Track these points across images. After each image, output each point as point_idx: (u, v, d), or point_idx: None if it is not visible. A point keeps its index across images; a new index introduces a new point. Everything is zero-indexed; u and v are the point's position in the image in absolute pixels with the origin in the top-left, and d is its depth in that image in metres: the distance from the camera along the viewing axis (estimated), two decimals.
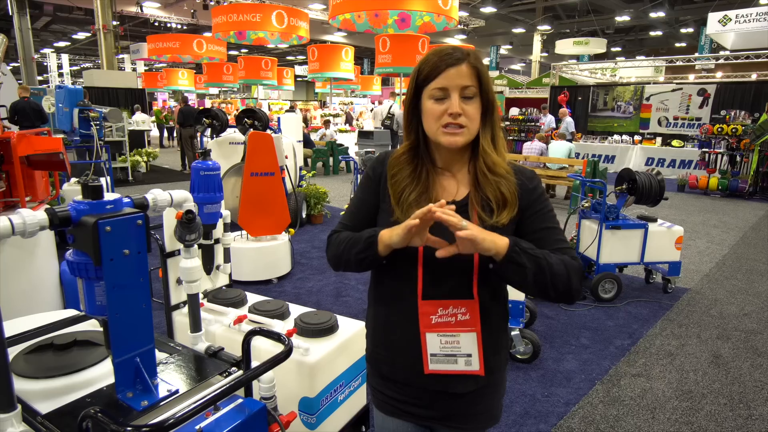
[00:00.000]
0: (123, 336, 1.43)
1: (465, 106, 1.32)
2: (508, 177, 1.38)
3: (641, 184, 4.96)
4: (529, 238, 1.38)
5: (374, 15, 13.06)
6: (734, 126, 11.74)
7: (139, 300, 1.45)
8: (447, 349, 1.37)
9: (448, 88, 1.32)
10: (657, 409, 3.29)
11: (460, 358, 1.37)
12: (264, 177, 5.15)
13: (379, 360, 1.53)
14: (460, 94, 1.32)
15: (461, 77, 1.31)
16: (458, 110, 1.31)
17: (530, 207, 1.40)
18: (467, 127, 1.33)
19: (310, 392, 2.23)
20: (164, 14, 23.85)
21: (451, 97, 1.32)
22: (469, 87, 1.31)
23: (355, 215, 1.56)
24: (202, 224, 1.65)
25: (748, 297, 5.31)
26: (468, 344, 1.36)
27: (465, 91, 1.32)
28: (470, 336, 1.36)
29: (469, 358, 1.36)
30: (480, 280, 1.36)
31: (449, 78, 1.31)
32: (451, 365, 1.37)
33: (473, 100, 1.33)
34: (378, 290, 1.51)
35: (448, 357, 1.37)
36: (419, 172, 1.42)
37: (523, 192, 1.40)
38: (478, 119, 1.35)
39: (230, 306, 2.68)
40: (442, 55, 1.32)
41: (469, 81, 1.31)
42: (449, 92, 1.32)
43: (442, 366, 1.38)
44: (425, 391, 1.44)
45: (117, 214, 1.38)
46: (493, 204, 1.35)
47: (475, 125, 1.35)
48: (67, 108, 6.08)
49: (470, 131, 1.35)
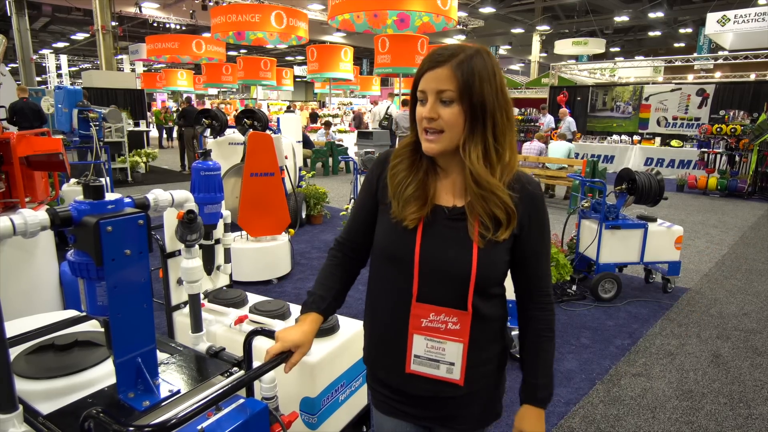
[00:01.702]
0: (124, 336, 1.43)
1: (441, 110, 1.27)
2: (500, 195, 1.30)
3: (641, 183, 4.96)
4: (519, 259, 1.39)
5: (373, 15, 13.04)
6: (733, 126, 11.76)
7: (140, 300, 1.45)
8: (431, 353, 1.37)
9: (426, 91, 1.29)
10: (657, 408, 3.29)
11: (443, 365, 1.37)
12: (264, 177, 5.15)
13: (374, 361, 1.53)
14: (437, 98, 1.28)
15: (437, 81, 1.26)
16: (427, 114, 1.28)
17: (531, 221, 1.37)
18: (445, 133, 1.29)
19: (311, 392, 2.23)
20: (163, 15, 23.81)
21: (428, 100, 1.29)
22: (446, 91, 1.26)
23: (353, 221, 1.57)
24: (203, 224, 1.65)
25: (748, 296, 5.31)
26: (453, 353, 1.36)
27: (441, 95, 1.27)
28: (457, 346, 1.35)
29: (452, 366, 1.36)
30: (477, 294, 1.34)
31: (427, 81, 1.28)
32: (432, 369, 1.38)
33: (451, 105, 1.27)
34: (375, 293, 1.51)
35: (431, 361, 1.37)
36: (419, 165, 1.40)
37: (525, 204, 1.35)
38: (458, 126, 1.28)
39: (231, 306, 2.68)
40: (429, 56, 1.30)
41: (446, 85, 1.26)
42: (427, 95, 1.29)
43: (424, 369, 1.38)
44: (415, 394, 1.44)
45: (118, 214, 1.38)
46: (488, 222, 1.32)
47: (456, 131, 1.29)
48: (67, 108, 6.08)
49: (449, 138, 1.29)
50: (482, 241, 1.32)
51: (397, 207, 1.37)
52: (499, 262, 1.36)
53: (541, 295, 1.44)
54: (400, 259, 1.37)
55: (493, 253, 1.33)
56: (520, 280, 1.45)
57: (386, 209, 1.42)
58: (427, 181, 1.38)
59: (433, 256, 1.34)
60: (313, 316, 1.48)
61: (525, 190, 1.36)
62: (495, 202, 1.30)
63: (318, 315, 1.49)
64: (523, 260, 1.40)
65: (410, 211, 1.35)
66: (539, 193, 1.40)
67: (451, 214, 1.36)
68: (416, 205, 1.35)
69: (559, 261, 4.80)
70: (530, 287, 1.44)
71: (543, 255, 1.43)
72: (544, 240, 1.42)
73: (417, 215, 1.35)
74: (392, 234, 1.39)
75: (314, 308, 1.49)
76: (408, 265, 1.36)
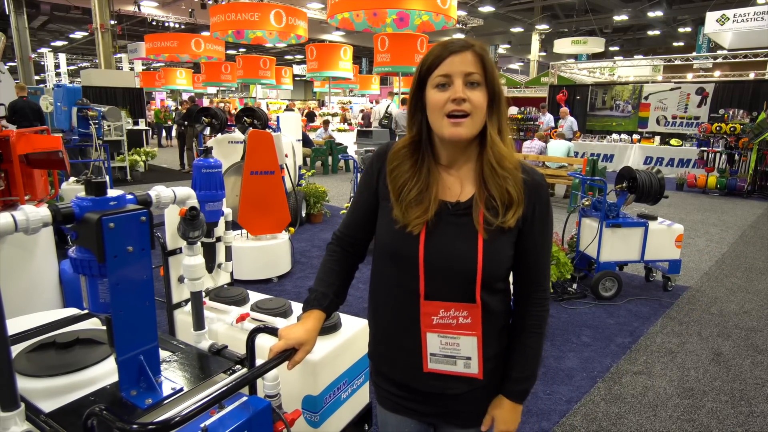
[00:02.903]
0: (127, 334, 1.42)
1: (470, 92, 1.27)
2: (515, 173, 1.32)
3: (641, 182, 4.96)
4: (520, 252, 1.38)
5: (373, 14, 13.01)
6: (733, 125, 11.75)
7: (142, 297, 1.44)
8: (447, 350, 1.36)
9: (452, 74, 1.27)
10: (659, 406, 3.29)
11: (459, 360, 1.36)
12: (264, 176, 5.14)
13: (380, 357, 1.52)
14: (464, 81, 1.27)
15: (465, 64, 1.27)
16: (462, 95, 1.26)
17: (534, 213, 1.36)
18: (471, 116, 1.28)
19: (314, 390, 2.22)
20: (162, 13, 23.79)
21: (454, 84, 1.27)
22: (474, 74, 1.27)
23: (352, 215, 1.55)
24: (205, 222, 1.64)
25: (748, 295, 5.31)
26: (468, 347, 1.35)
27: (469, 78, 1.27)
28: (470, 340, 1.34)
29: (468, 361, 1.35)
30: (484, 286, 1.33)
31: (453, 64, 1.27)
32: (450, 366, 1.37)
33: (478, 88, 1.28)
34: (379, 289, 1.49)
35: (448, 358, 1.36)
36: (420, 166, 1.37)
37: (530, 192, 1.35)
38: (484, 108, 1.29)
39: (232, 304, 2.67)
40: (446, 44, 1.30)
41: (473, 68, 1.27)
42: (452, 79, 1.27)
43: (441, 366, 1.37)
44: (423, 390, 1.43)
45: (120, 210, 1.37)
46: (498, 203, 1.31)
47: (481, 115, 1.29)
48: (66, 107, 6.06)
49: (474, 122, 1.29)
50: (487, 232, 1.31)
51: (399, 212, 1.35)
52: (503, 256, 1.35)
53: (537, 290, 1.43)
54: (405, 258, 1.36)
55: (498, 245, 1.32)
56: (519, 274, 1.43)
57: (387, 207, 1.40)
58: (429, 181, 1.36)
59: (438, 255, 1.33)
60: (315, 313, 1.47)
61: (531, 178, 1.36)
62: (511, 182, 1.32)
63: (321, 312, 1.48)
64: (523, 253, 1.39)
65: (414, 215, 1.33)
66: (544, 182, 1.40)
67: (455, 210, 1.35)
68: (420, 209, 1.33)
69: (560, 259, 4.80)
70: (528, 281, 1.43)
71: (544, 249, 1.41)
72: (546, 233, 1.41)
73: (422, 219, 1.33)
74: (395, 235, 1.37)
75: (316, 305, 1.48)
76: (413, 265, 1.34)
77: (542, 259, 1.42)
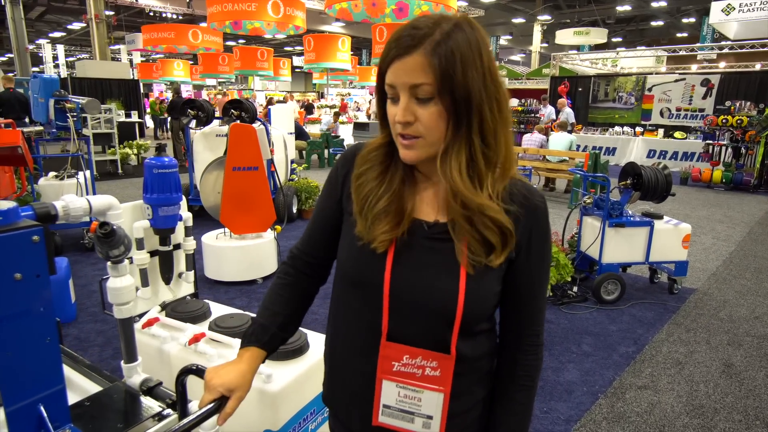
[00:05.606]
0: (17, 379, 1.15)
1: (418, 110, 0.97)
2: (491, 215, 1.00)
3: (647, 179, 4.66)
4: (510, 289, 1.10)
5: (371, 4, 12.75)
6: (739, 117, 11.45)
7: (39, 333, 1.17)
8: (405, 403, 1.08)
9: (396, 86, 0.98)
10: (666, 426, 3.02)
11: (418, 418, 1.08)
12: (247, 172, 4.85)
13: (335, 402, 1.25)
14: (411, 95, 0.97)
15: (408, 73, 0.95)
16: (401, 118, 0.97)
17: (530, 242, 1.07)
18: (424, 138, 0.99)
19: (274, 425, 1.94)
20: (159, 4, 23.45)
21: (400, 99, 0.98)
22: (422, 85, 0.94)
23: (311, 230, 1.27)
24: (126, 236, 1.35)
25: (758, 298, 5.03)
26: (431, 405, 1.07)
27: (416, 91, 0.96)
28: (436, 396, 1.06)
29: (429, 420, 1.07)
30: (462, 334, 1.05)
31: (396, 74, 0.97)
32: (406, 423, 1.09)
33: (430, 103, 0.96)
34: (336, 321, 1.22)
35: (404, 413, 1.08)
36: (391, 174, 1.09)
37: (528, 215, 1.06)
38: (440, 128, 0.98)
39: (189, 321, 2.37)
40: (395, 38, 0.97)
41: (420, 78, 0.94)
42: (398, 92, 0.99)
43: (395, 422, 1.09)
44: None
45: (5, 228, 1.10)
46: (476, 246, 1.02)
47: (436, 135, 0.99)
48: (43, 98, 5.78)
49: (429, 143, 1.00)
50: (472, 266, 1.02)
51: (364, 226, 1.07)
52: (490, 293, 1.06)
53: (530, 335, 1.15)
54: (366, 286, 1.08)
55: (485, 281, 1.04)
56: (508, 314, 1.14)
57: (351, 221, 1.12)
58: (402, 191, 1.08)
59: (407, 285, 1.04)
60: (252, 351, 1.19)
61: (527, 202, 1.06)
62: (485, 223, 1.00)
63: (259, 350, 1.20)
64: (515, 291, 1.10)
65: (381, 230, 1.04)
66: (543, 206, 1.09)
67: (431, 232, 1.06)
68: (389, 222, 1.05)
69: (560, 260, 4.51)
70: (518, 325, 1.14)
71: (540, 287, 1.13)
72: (543, 268, 1.12)
73: (389, 236, 1.04)
74: (357, 255, 1.10)
75: (254, 341, 1.20)
76: (375, 294, 1.06)
77: (537, 299, 1.14)
